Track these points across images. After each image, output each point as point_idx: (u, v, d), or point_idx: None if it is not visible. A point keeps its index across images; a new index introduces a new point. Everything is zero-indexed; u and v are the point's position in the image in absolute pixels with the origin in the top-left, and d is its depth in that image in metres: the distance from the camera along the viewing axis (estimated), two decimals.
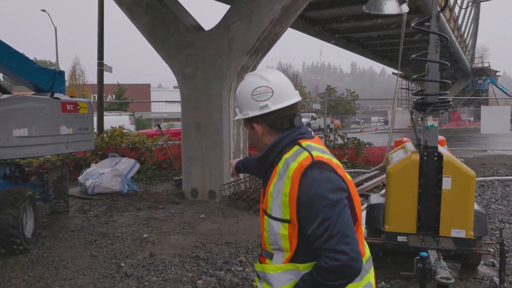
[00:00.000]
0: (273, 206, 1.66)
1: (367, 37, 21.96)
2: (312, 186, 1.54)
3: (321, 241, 1.51)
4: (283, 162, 1.66)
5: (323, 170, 1.58)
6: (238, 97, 1.80)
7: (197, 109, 8.06)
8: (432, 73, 4.26)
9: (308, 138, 1.74)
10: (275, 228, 1.65)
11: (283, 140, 1.72)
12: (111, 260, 4.90)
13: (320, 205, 1.52)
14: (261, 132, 1.76)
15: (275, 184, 1.66)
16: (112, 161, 9.06)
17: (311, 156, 1.61)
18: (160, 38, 8.30)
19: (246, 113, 1.75)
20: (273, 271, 1.69)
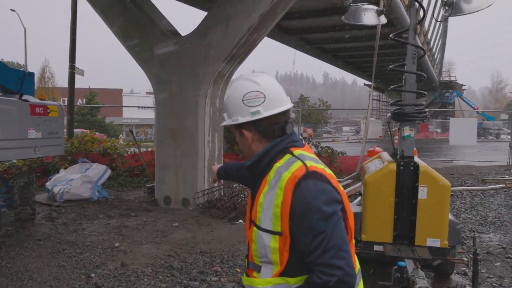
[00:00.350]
0: (263, 217, 1.57)
1: (341, 48, 22.31)
2: (306, 197, 1.47)
3: (315, 255, 1.44)
4: (274, 171, 1.58)
5: (317, 181, 1.51)
6: (227, 102, 1.71)
7: (172, 115, 7.93)
8: (409, 84, 4.30)
9: (300, 147, 1.67)
10: (264, 241, 1.57)
11: (275, 148, 1.64)
12: (80, 271, 4.70)
13: (314, 218, 1.45)
14: (250, 139, 1.67)
15: (265, 194, 1.58)
16: (82, 167, 8.80)
17: (305, 166, 1.54)
18: (135, 42, 8.14)
19: (235, 119, 1.66)
20: (262, 285, 1.61)
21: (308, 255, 1.47)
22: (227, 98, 1.71)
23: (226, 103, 1.72)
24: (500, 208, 8.35)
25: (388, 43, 17.05)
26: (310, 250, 1.45)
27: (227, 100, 1.71)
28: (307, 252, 1.47)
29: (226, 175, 2.36)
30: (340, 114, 76.65)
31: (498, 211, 8.08)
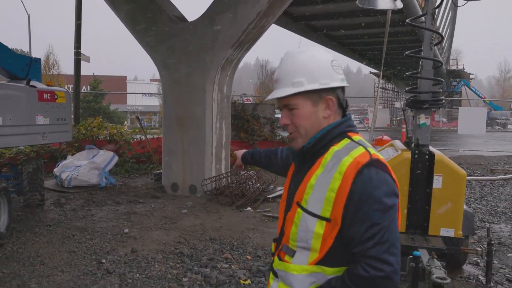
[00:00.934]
0: (311, 200, 1.47)
1: (347, 35, 22.06)
2: (367, 186, 1.38)
3: (366, 246, 1.37)
4: (331, 154, 1.48)
5: (380, 171, 1.42)
6: (312, 66, 1.53)
7: (179, 102, 7.87)
8: (425, 71, 4.22)
9: (356, 133, 1.57)
10: (309, 225, 1.47)
11: (335, 130, 1.54)
12: (91, 256, 4.70)
13: (372, 208, 1.37)
14: (330, 109, 1.54)
15: (318, 177, 1.47)
16: (89, 154, 8.78)
17: (368, 153, 1.45)
18: (141, 28, 8.05)
19: (325, 83, 1.51)
20: (298, 272, 1.53)
21: (357, 245, 1.40)
22: (313, 62, 1.54)
23: (310, 67, 1.53)
24: (510, 199, 8.29)
25: (395, 30, 16.83)
26: (361, 240, 1.38)
27: (311, 64, 1.54)
28: (356, 242, 1.40)
29: (253, 160, 2.27)
30: None
31: (508, 202, 8.02)
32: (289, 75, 1.55)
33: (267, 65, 55.28)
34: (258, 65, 64.07)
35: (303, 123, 1.55)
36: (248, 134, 11.22)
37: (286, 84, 1.54)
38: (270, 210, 6.81)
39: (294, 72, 1.54)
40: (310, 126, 1.55)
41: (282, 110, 1.60)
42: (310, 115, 1.54)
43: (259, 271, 4.40)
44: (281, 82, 1.57)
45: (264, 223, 6.17)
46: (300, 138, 1.57)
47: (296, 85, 1.52)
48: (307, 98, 1.53)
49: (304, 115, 1.54)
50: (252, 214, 6.59)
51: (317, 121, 1.55)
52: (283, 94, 1.53)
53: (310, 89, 1.51)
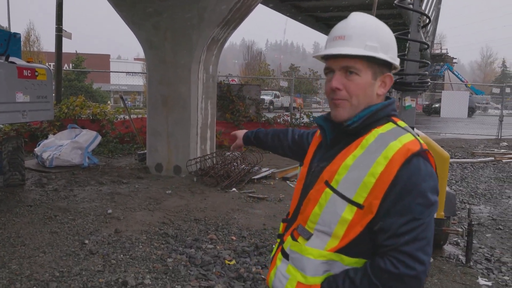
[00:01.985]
0: (344, 181, 1.33)
1: (334, 16, 21.93)
2: (414, 177, 1.27)
3: (401, 241, 1.25)
4: (375, 136, 1.34)
5: (428, 163, 1.31)
6: (386, 35, 1.41)
7: (164, 82, 7.75)
8: (412, 53, 4.22)
9: (399, 118, 1.44)
10: (337, 208, 1.33)
11: (382, 111, 1.40)
12: (73, 237, 4.64)
13: (416, 201, 1.26)
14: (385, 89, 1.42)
15: (357, 158, 1.33)
16: (72, 133, 8.63)
17: (419, 142, 1.33)
18: (126, 5, 7.84)
19: (394, 58, 1.40)
20: (314, 256, 1.38)
21: (390, 238, 1.27)
22: (383, 30, 1.41)
23: (382, 34, 1.40)
24: (490, 181, 8.45)
25: (383, 13, 16.80)
26: (397, 233, 1.26)
27: (384, 31, 1.41)
28: (390, 234, 1.27)
29: (256, 140, 2.12)
30: None
31: (488, 184, 8.18)
32: (362, 36, 1.37)
33: (252, 46, 54.83)
34: (244, 46, 63.50)
35: (359, 93, 1.39)
36: (233, 114, 11.16)
37: (357, 44, 1.37)
38: (255, 191, 6.81)
39: (370, 34, 1.38)
40: (364, 98, 1.39)
41: (335, 73, 1.41)
42: (368, 87, 1.39)
43: (244, 251, 4.41)
44: (350, 40, 1.38)
45: (249, 204, 6.18)
46: (348, 108, 1.40)
47: (369, 48, 1.36)
48: (370, 67, 1.38)
49: (363, 84, 1.38)
50: (237, 195, 6.59)
51: (371, 95, 1.40)
52: (355, 52, 1.35)
53: (382, 58, 1.36)
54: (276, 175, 7.81)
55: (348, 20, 1.42)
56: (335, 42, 1.41)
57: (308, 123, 12.22)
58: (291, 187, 7.27)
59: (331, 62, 1.42)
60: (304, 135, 1.96)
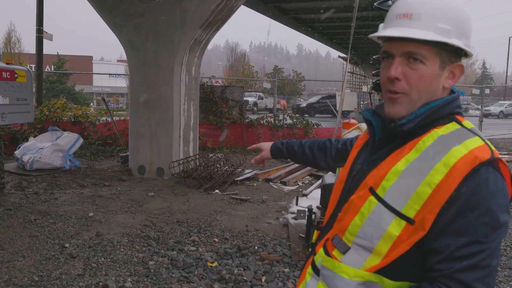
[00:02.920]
0: (393, 190, 1.12)
1: (317, 19, 22.07)
2: (482, 191, 1.04)
3: (457, 266, 1.04)
4: (434, 138, 1.12)
5: (499, 175, 1.07)
6: (463, 17, 1.15)
7: (146, 83, 7.71)
8: None
9: (464, 117, 1.21)
10: (382, 220, 1.12)
11: (445, 108, 1.17)
12: (54, 241, 4.59)
13: (480, 220, 1.03)
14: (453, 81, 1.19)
15: (411, 163, 1.12)
16: (53, 135, 8.51)
17: (490, 148, 1.10)
18: (107, 6, 7.78)
19: (468, 45, 1.17)
20: (350, 276, 1.18)
21: (443, 262, 1.06)
22: (459, 10, 1.15)
23: (458, 14, 1.15)
24: None
25: (365, 15, 16.98)
26: (452, 257, 1.04)
27: (459, 11, 1.15)
28: (444, 257, 1.06)
29: (290, 152, 1.82)
30: (313, 86, 76.82)
31: None
32: (433, 15, 1.13)
33: (236, 47, 54.84)
34: (228, 48, 63.46)
35: (421, 86, 1.15)
36: (216, 116, 11.15)
37: (427, 26, 1.12)
38: (238, 192, 6.82)
39: (442, 13, 1.13)
40: (426, 92, 1.17)
41: (394, 58, 1.16)
42: (434, 79, 1.16)
43: (226, 253, 4.41)
44: (419, 20, 1.13)
45: (232, 205, 6.18)
46: (406, 104, 1.17)
47: (441, 32, 1.12)
48: (438, 55, 1.14)
49: (428, 75, 1.15)
50: (220, 196, 6.58)
51: (436, 89, 1.18)
52: (423, 37, 1.11)
53: (456, 44, 1.13)
54: (259, 177, 7.83)
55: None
56: (399, 21, 1.16)
57: (292, 124, 12.28)
58: (274, 188, 7.29)
59: (390, 45, 1.16)
60: (347, 142, 1.72)
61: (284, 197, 6.74)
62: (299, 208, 5.43)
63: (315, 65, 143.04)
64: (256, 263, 4.18)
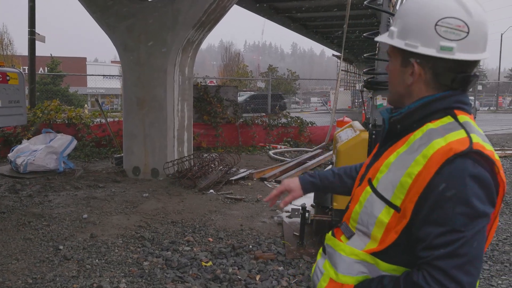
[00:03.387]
0: (384, 180, 1.22)
1: (311, 17, 22.08)
2: (456, 181, 1.09)
3: (436, 254, 1.10)
4: (423, 131, 1.20)
5: (478, 166, 1.11)
6: (408, 13, 1.23)
7: (140, 84, 7.70)
8: (382, 52, 4.29)
9: (468, 112, 1.25)
10: (374, 208, 1.24)
11: (436, 103, 1.22)
12: (48, 243, 4.58)
13: (456, 210, 1.08)
14: (417, 76, 1.24)
15: (400, 155, 1.21)
16: (46, 138, 8.49)
17: (469, 139, 1.14)
18: (99, 7, 7.77)
19: (413, 45, 1.21)
20: (346, 253, 1.31)
21: (425, 250, 1.13)
22: (410, 9, 1.23)
23: (407, 15, 1.23)
24: None
25: (358, 13, 17.02)
26: (431, 245, 1.11)
27: (408, 11, 1.23)
28: (426, 245, 1.13)
29: (323, 184, 1.73)
30: (308, 85, 76.91)
31: None
32: (395, 17, 1.29)
33: (231, 47, 54.81)
34: (222, 47, 63.43)
35: (391, 79, 1.33)
36: (210, 116, 11.15)
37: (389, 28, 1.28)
38: (232, 192, 6.82)
39: (397, 16, 1.27)
40: (396, 86, 1.32)
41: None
42: (396, 73, 1.30)
43: (220, 252, 4.42)
44: (392, 22, 1.29)
45: (227, 205, 6.19)
46: (390, 98, 1.38)
47: (390, 33, 1.27)
48: (399, 53, 1.26)
49: (391, 69, 1.32)
50: (215, 196, 6.59)
51: (406, 84, 1.28)
52: (378, 38, 1.31)
53: (393, 44, 1.24)
54: (254, 176, 7.84)
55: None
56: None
57: (286, 123, 12.29)
58: (268, 187, 7.31)
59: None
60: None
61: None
62: (293, 207, 5.44)
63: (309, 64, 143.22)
64: (250, 262, 4.19)
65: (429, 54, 1.18)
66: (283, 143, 11.86)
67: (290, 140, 11.97)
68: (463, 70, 1.21)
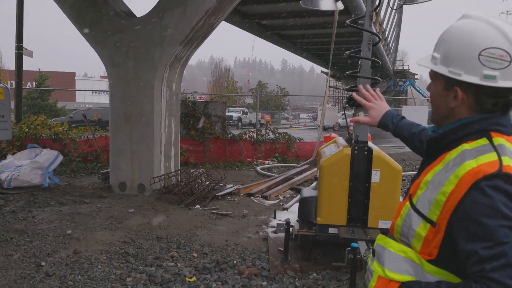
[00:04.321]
0: (422, 197, 1.31)
1: (299, 35, 22.42)
2: (484, 200, 1.16)
3: (488, 268, 1.14)
4: (458, 152, 1.28)
5: (507, 185, 1.16)
6: (453, 43, 1.28)
7: (127, 99, 7.72)
8: (364, 70, 4.38)
9: (506, 134, 1.30)
10: (412, 222, 1.33)
11: (474, 125, 1.29)
12: (30, 259, 4.53)
13: (496, 223, 1.14)
14: (460, 101, 1.30)
15: (436, 173, 1.30)
16: (32, 153, 8.43)
17: (499, 162, 1.19)
18: (87, 23, 7.82)
19: (456, 73, 1.27)
20: (395, 250, 1.39)
21: (475, 265, 1.17)
22: (454, 37, 1.29)
23: (451, 43, 1.29)
24: None
25: (345, 31, 17.32)
26: (481, 259, 1.16)
27: (451, 39, 1.30)
28: (475, 260, 1.17)
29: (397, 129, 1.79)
30: (298, 101, 77.50)
31: None
32: (436, 45, 1.35)
33: (221, 63, 55.13)
34: (213, 63, 63.80)
35: (434, 101, 1.40)
36: (198, 132, 11.17)
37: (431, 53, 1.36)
38: (219, 207, 6.82)
39: (440, 42, 1.33)
40: (439, 108, 1.39)
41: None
42: (439, 97, 1.37)
43: (205, 268, 4.41)
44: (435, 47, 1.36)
45: (213, 220, 6.19)
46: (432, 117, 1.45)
47: (432, 58, 1.34)
48: (441, 77, 1.33)
49: (434, 93, 1.39)
50: (201, 212, 6.58)
51: (448, 107, 1.34)
52: (420, 62, 1.38)
53: (438, 71, 1.32)
54: (240, 191, 7.85)
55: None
56: None
57: (274, 139, 12.36)
58: (255, 202, 7.32)
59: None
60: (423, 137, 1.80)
61: (265, 211, 6.77)
62: (278, 222, 5.46)
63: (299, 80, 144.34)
64: (234, 277, 4.19)
65: (473, 82, 1.25)
66: (271, 158, 11.91)
67: (278, 156, 12.03)
68: (505, 95, 1.27)
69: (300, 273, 4.34)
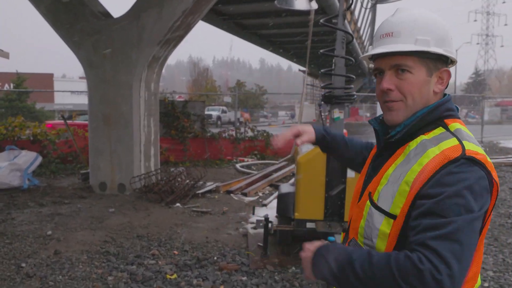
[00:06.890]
0: (383, 193, 1.27)
1: (276, 34, 22.57)
2: (451, 177, 1.14)
3: (428, 235, 1.09)
4: (418, 142, 1.27)
5: (471, 168, 1.16)
6: (439, 27, 1.30)
7: (106, 100, 7.72)
8: (338, 68, 4.52)
9: (457, 118, 1.32)
10: (375, 221, 1.28)
11: (430, 115, 1.29)
12: (9, 261, 4.53)
13: (451, 201, 1.11)
14: (443, 86, 1.33)
15: (397, 166, 1.27)
16: (10, 155, 8.35)
17: (461, 147, 1.19)
18: (64, 24, 7.79)
19: (449, 51, 1.30)
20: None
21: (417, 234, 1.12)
22: (434, 21, 1.31)
23: (434, 26, 1.30)
24: None
25: (321, 30, 17.53)
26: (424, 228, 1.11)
27: (435, 23, 1.31)
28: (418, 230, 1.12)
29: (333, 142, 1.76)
30: (276, 99, 77.72)
31: None
32: (412, 30, 1.28)
33: (199, 62, 55.00)
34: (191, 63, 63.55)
35: (414, 92, 1.29)
36: (178, 131, 11.21)
37: (407, 40, 1.28)
38: (199, 205, 6.90)
39: (418, 27, 1.28)
40: (420, 98, 1.30)
41: (384, 73, 1.32)
42: (423, 85, 1.30)
43: (185, 265, 4.49)
44: (399, 36, 1.29)
45: (193, 218, 6.27)
46: (403, 110, 1.31)
47: (420, 43, 1.27)
48: (423, 63, 1.29)
49: (417, 82, 1.29)
50: (181, 210, 6.65)
51: (428, 93, 1.31)
52: (404, 49, 1.26)
53: (435, 51, 1.27)
54: (220, 189, 7.94)
55: (395, 15, 1.35)
56: (382, 40, 1.33)
57: (253, 136, 12.48)
58: (235, 199, 7.42)
59: (379, 62, 1.33)
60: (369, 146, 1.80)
61: (244, 208, 6.88)
62: (258, 218, 5.57)
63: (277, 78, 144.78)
64: (215, 273, 4.29)
65: (455, 58, 1.32)
66: (250, 156, 12.02)
67: (257, 153, 12.15)
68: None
69: (279, 268, 4.46)
